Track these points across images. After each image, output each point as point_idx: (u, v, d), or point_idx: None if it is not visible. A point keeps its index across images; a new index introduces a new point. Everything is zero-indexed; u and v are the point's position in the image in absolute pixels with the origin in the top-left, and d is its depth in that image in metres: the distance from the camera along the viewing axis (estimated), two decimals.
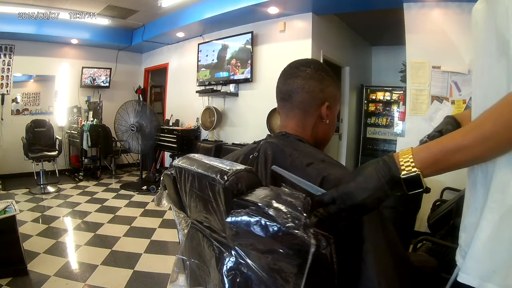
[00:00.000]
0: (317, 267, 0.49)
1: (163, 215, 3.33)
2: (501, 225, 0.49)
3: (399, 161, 0.51)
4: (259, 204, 0.51)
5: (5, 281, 1.90)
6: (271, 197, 0.52)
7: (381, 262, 0.57)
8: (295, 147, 0.73)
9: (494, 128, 0.45)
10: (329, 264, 0.51)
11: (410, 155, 0.51)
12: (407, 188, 0.51)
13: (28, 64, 4.88)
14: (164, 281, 2.04)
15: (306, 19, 3.49)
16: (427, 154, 0.50)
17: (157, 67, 5.79)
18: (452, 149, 0.48)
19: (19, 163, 4.57)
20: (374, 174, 0.51)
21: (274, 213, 0.49)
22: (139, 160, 4.82)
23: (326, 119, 0.79)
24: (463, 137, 0.48)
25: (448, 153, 0.48)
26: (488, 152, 0.47)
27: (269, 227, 0.50)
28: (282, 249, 0.51)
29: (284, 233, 0.48)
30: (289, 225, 0.48)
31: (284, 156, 0.71)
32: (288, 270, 0.51)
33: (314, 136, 0.80)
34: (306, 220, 0.48)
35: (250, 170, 0.60)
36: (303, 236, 0.47)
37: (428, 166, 0.50)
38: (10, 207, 2.01)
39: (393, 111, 4.99)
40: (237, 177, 0.57)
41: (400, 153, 0.52)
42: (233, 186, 0.56)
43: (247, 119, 4.08)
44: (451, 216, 1.91)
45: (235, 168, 0.59)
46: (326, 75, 0.79)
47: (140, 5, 4.15)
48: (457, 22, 2.67)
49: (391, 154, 0.53)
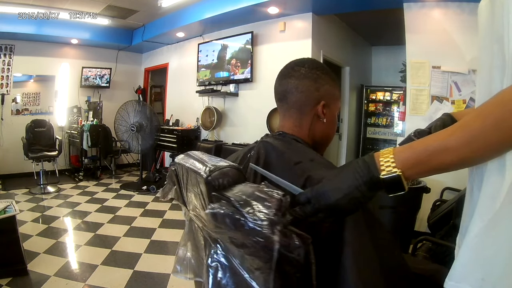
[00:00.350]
0: (289, 265, 0.49)
1: (163, 215, 3.33)
2: (488, 231, 0.46)
3: (379, 160, 0.48)
4: (231, 198, 0.53)
5: (5, 281, 1.90)
6: (245, 193, 0.53)
7: (362, 268, 0.54)
8: (288, 146, 0.73)
9: (483, 127, 0.41)
10: (304, 264, 0.50)
11: (391, 154, 0.48)
12: (387, 190, 0.48)
13: (28, 64, 4.88)
14: (164, 281, 2.04)
15: (306, 19, 3.49)
16: (410, 154, 0.47)
17: (157, 67, 5.79)
18: (436, 149, 0.44)
19: (19, 163, 4.58)
20: (351, 174, 0.49)
21: (243, 208, 0.51)
22: (139, 160, 4.82)
23: (323, 118, 0.78)
24: (449, 136, 0.44)
25: (433, 154, 0.45)
26: (476, 154, 0.43)
27: (239, 221, 0.51)
28: (250, 244, 0.52)
29: (251, 228, 0.49)
30: (256, 221, 0.49)
31: (276, 155, 0.72)
32: (258, 266, 0.52)
33: (312, 136, 0.79)
34: (274, 217, 0.48)
35: (234, 167, 0.62)
36: (268, 232, 0.48)
37: (410, 167, 0.46)
38: (10, 207, 2.01)
39: (393, 111, 4.99)
40: (220, 173, 0.60)
41: (381, 153, 0.49)
42: (215, 181, 0.59)
43: (247, 119, 4.08)
44: (451, 216, 1.91)
45: (221, 164, 0.62)
46: (321, 74, 0.78)
47: (140, 5, 4.15)
48: (457, 22, 2.67)
49: (372, 154, 0.50)
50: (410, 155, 0.46)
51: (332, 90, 0.79)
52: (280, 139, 0.77)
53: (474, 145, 0.42)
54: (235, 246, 0.57)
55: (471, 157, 0.44)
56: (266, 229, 0.48)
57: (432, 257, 1.69)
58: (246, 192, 0.54)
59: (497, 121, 0.39)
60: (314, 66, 0.79)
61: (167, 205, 3.67)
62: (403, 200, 2.29)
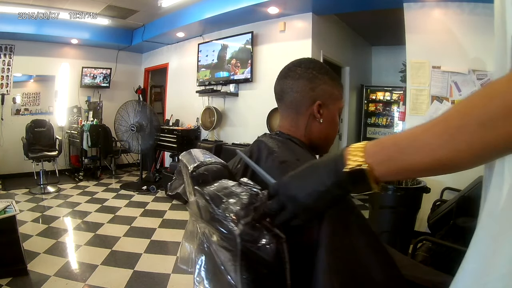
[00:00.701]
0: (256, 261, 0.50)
1: (163, 215, 3.33)
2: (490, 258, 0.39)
3: (349, 153, 0.43)
4: (204, 192, 0.57)
5: (5, 281, 1.90)
6: (220, 188, 0.57)
7: (334, 271, 0.52)
8: (280, 146, 0.74)
9: (462, 122, 0.33)
10: (274, 262, 0.50)
11: (362, 147, 0.42)
12: (352, 186, 0.43)
13: (28, 64, 4.88)
14: (164, 281, 2.04)
15: (306, 19, 3.49)
16: (380, 148, 0.41)
17: (157, 67, 5.79)
18: (408, 144, 0.38)
19: (19, 163, 4.58)
20: (320, 166, 0.46)
21: (213, 202, 0.54)
22: (139, 160, 4.82)
23: (320, 119, 0.77)
24: (425, 132, 0.37)
25: (404, 150, 0.38)
26: (454, 156, 0.35)
27: (210, 214, 0.55)
28: (220, 237, 0.55)
29: (218, 221, 0.53)
30: (222, 214, 0.52)
31: (266, 153, 0.73)
32: (229, 258, 0.55)
33: (308, 137, 0.79)
34: (240, 212, 0.50)
35: (220, 164, 0.68)
36: (232, 226, 0.50)
37: (379, 162, 0.40)
38: (10, 207, 2.01)
39: (393, 111, 4.99)
40: (205, 169, 0.65)
41: (353, 146, 0.43)
42: (199, 176, 0.64)
43: (247, 119, 4.08)
44: (451, 216, 1.91)
45: (207, 161, 0.68)
46: (317, 73, 0.77)
47: (140, 5, 4.16)
48: (457, 22, 2.67)
49: (345, 147, 0.44)
50: (380, 150, 0.41)
51: (329, 89, 0.78)
52: (275, 138, 0.78)
53: (452, 145, 0.34)
54: (212, 238, 0.61)
55: (449, 159, 0.35)
56: (230, 222, 0.50)
57: (432, 257, 1.69)
58: (220, 187, 0.57)
59: (480, 116, 0.32)
60: (310, 66, 0.78)
61: (167, 205, 3.67)
62: (403, 200, 2.29)
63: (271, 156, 0.71)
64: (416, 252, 1.70)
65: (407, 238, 2.39)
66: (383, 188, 2.32)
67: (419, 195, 2.35)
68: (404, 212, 2.31)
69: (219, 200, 0.54)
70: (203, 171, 0.64)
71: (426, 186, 2.35)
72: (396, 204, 2.29)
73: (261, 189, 0.56)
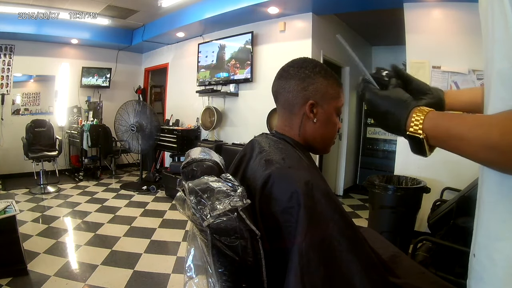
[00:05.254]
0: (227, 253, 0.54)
1: (163, 215, 3.33)
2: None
3: (412, 116, 0.50)
4: (184, 186, 0.62)
5: (5, 281, 1.90)
6: (198, 182, 0.61)
7: (306, 272, 0.53)
8: (272, 145, 0.75)
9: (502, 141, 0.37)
10: (246, 258, 0.53)
11: (422, 116, 0.49)
12: (411, 147, 0.51)
13: (28, 64, 4.87)
14: (164, 281, 2.04)
15: (306, 19, 3.49)
16: (435, 125, 0.47)
17: (157, 67, 5.79)
18: (455, 136, 0.44)
19: (19, 163, 4.57)
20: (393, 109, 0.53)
21: (190, 195, 0.59)
22: (139, 160, 4.82)
23: (313, 118, 0.76)
24: (470, 130, 0.42)
25: (452, 138, 0.45)
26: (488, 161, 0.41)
27: (188, 207, 0.60)
28: (199, 228, 0.60)
29: (193, 214, 0.58)
30: (196, 208, 0.57)
31: (257, 151, 0.75)
32: (205, 250, 0.61)
33: (303, 136, 0.79)
34: (211, 205, 0.55)
35: (210, 161, 0.75)
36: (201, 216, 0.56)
37: (433, 136, 0.47)
38: (10, 207, 2.01)
39: None
40: (195, 165, 0.73)
41: (418, 109, 0.50)
42: (189, 172, 0.73)
43: (247, 119, 4.08)
44: (451, 216, 1.91)
45: (199, 158, 0.75)
46: (310, 73, 0.76)
47: (140, 5, 4.15)
48: (457, 22, 2.67)
49: (413, 106, 0.51)
50: (435, 127, 0.47)
51: (323, 88, 0.76)
52: (269, 137, 0.80)
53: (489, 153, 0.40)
54: (196, 231, 0.67)
55: (480, 160, 0.42)
56: (201, 215, 0.56)
57: (432, 257, 1.69)
58: (199, 182, 0.61)
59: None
60: (303, 65, 0.77)
61: (167, 205, 3.67)
62: (403, 200, 2.29)
63: (260, 155, 0.73)
64: (416, 252, 1.70)
65: (407, 238, 2.39)
66: (383, 188, 2.33)
67: (419, 195, 2.35)
68: (404, 212, 2.31)
69: (195, 194, 0.58)
70: (192, 167, 0.72)
71: (426, 186, 2.35)
72: (396, 204, 2.29)
73: (239, 185, 0.61)
